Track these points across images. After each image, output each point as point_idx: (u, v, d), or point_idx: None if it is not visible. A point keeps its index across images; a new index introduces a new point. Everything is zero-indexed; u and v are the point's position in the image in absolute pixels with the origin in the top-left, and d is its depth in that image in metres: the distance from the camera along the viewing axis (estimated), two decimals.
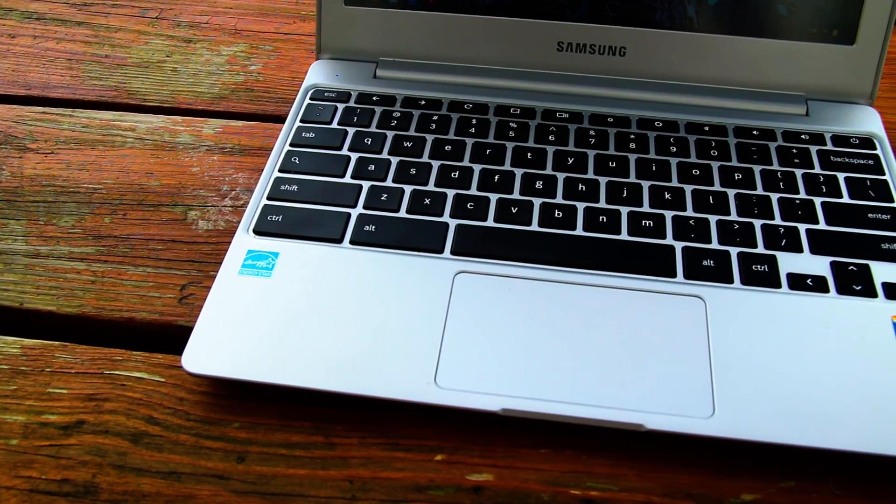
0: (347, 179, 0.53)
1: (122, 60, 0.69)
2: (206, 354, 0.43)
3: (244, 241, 0.49)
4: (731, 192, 0.52)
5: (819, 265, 0.48)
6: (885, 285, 0.47)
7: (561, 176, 0.53)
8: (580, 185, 0.52)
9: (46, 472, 0.41)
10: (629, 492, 0.40)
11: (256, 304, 0.46)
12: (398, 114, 0.58)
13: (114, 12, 0.75)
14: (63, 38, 0.71)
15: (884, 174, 0.54)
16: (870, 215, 0.51)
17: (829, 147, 0.56)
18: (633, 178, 0.53)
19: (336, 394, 0.42)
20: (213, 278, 0.47)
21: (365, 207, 0.51)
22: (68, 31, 0.72)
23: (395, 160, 0.54)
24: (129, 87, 0.66)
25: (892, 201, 0.52)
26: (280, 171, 0.54)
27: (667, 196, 0.52)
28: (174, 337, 0.47)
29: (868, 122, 0.58)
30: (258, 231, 0.50)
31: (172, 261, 0.51)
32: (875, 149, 0.56)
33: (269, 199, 0.52)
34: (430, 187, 0.52)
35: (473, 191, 0.52)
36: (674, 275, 0.47)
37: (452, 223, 0.50)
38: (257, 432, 0.42)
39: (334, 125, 0.57)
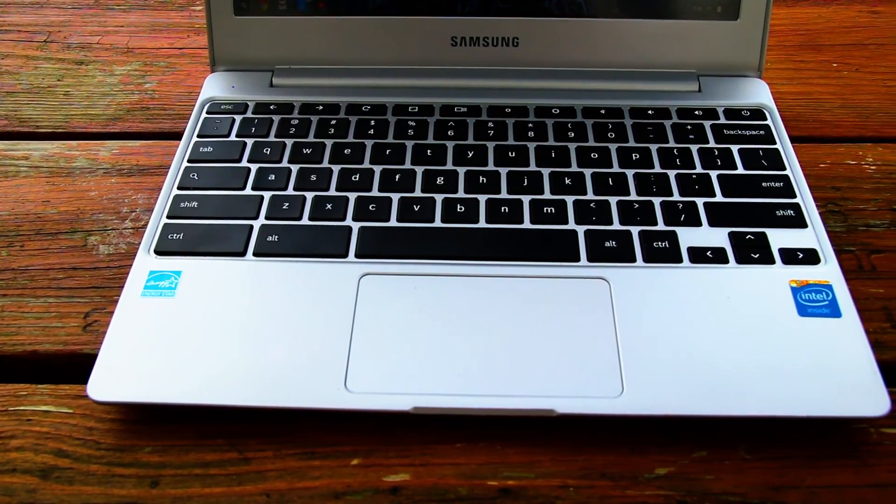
0: (248, 191, 0.52)
1: (12, 87, 0.67)
2: (112, 381, 0.43)
3: (145, 262, 0.48)
4: (630, 173, 0.53)
5: (718, 237, 0.49)
6: (782, 251, 0.48)
7: (461, 170, 0.53)
8: (481, 178, 0.53)
9: None
10: (545, 477, 0.40)
11: (161, 324, 0.45)
12: (296, 121, 0.58)
13: None
14: None
15: (775, 143, 0.55)
16: (764, 184, 0.52)
17: (722, 121, 0.57)
18: (532, 167, 0.54)
19: (248, 408, 0.42)
20: (117, 303, 0.46)
21: (267, 218, 0.51)
22: None
23: (295, 168, 0.54)
24: (21, 115, 0.64)
25: (784, 169, 0.53)
26: (179, 188, 0.53)
27: (567, 181, 0.52)
28: (80, 366, 0.45)
29: (757, 93, 0.60)
30: (159, 251, 0.49)
31: (74, 289, 0.50)
32: (765, 119, 0.57)
33: (169, 217, 0.51)
34: (332, 192, 0.52)
35: (375, 192, 0.52)
36: (577, 259, 0.48)
37: (355, 226, 0.50)
38: (170, 455, 0.42)
39: (232, 137, 0.57)
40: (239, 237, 0.49)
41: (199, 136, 0.57)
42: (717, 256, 0.48)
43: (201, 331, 0.45)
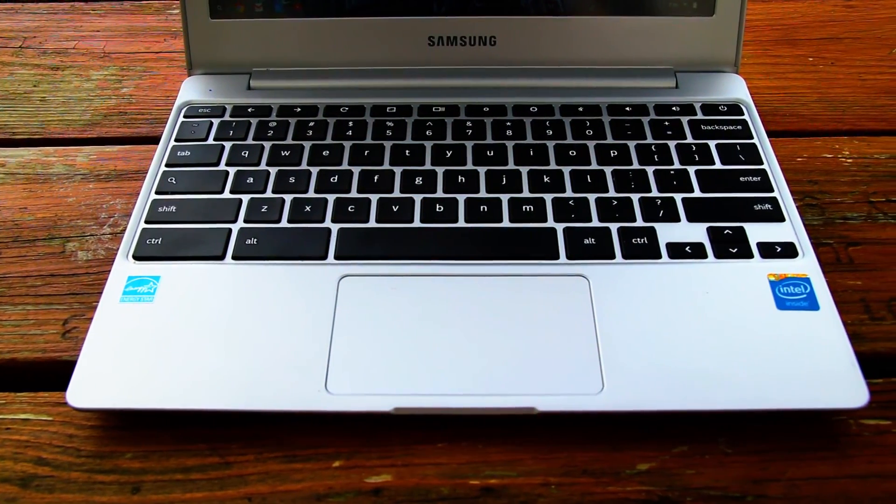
0: (226, 195, 0.52)
1: None
2: (91, 388, 0.42)
3: (124, 267, 0.48)
4: (608, 170, 0.53)
5: (696, 232, 0.49)
6: (760, 245, 0.48)
7: (440, 170, 0.53)
8: (460, 178, 0.53)
9: None
10: (527, 476, 0.40)
11: (140, 330, 0.45)
12: (274, 123, 0.58)
13: None
14: None
15: (752, 138, 0.56)
16: (741, 179, 0.53)
17: (700, 116, 0.58)
18: (511, 165, 0.54)
19: (228, 412, 0.42)
20: (96, 309, 0.46)
21: (246, 221, 0.50)
22: None
23: (273, 170, 0.54)
24: None
25: (762, 163, 0.54)
26: (157, 192, 0.53)
27: (546, 179, 0.53)
28: (60, 373, 0.45)
29: (734, 88, 0.60)
30: (138, 256, 0.49)
31: (53, 295, 0.50)
32: (742, 114, 0.58)
33: (147, 222, 0.51)
34: (310, 194, 0.52)
35: (354, 193, 0.52)
36: (557, 256, 0.48)
37: (334, 228, 0.50)
38: (151, 460, 0.41)
39: (210, 141, 0.56)
40: (218, 241, 0.49)
41: (176, 140, 0.57)
42: (696, 251, 0.48)
43: (181, 335, 0.44)
